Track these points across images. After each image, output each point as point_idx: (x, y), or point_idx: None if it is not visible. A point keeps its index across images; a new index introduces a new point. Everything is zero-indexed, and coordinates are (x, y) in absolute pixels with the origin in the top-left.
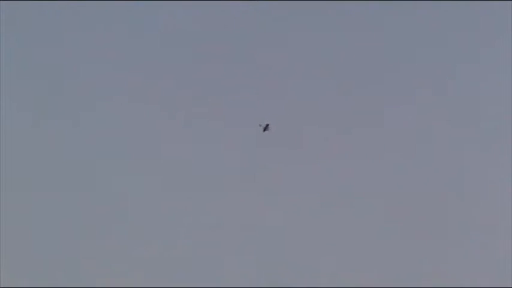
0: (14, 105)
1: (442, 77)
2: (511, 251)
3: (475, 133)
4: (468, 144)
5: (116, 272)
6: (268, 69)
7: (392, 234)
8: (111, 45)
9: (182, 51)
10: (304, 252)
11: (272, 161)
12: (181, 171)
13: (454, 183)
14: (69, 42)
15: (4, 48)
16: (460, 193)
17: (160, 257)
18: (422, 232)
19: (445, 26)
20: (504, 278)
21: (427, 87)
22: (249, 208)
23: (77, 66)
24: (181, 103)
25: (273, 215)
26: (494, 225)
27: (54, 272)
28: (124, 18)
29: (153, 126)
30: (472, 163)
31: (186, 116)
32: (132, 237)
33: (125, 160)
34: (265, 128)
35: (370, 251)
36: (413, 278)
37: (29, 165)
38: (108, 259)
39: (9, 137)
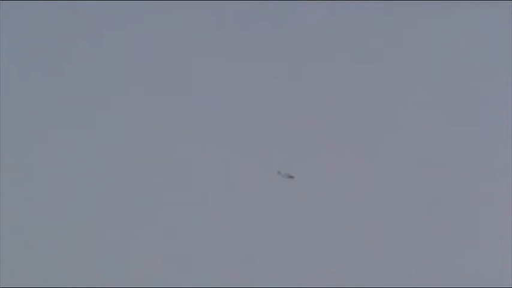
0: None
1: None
2: (511, 251)
3: (476, 133)
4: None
5: (117, 271)
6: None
7: (391, 232)
8: (111, 44)
9: (184, 51)
10: (304, 251)
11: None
12: (184, 171)
13: (454, 182)
14: (69, 41)
15: (4, 48)
16: (460, 192)
17: (161, 256)
18: (422, 231)
19: (444, 25)
20: (504, 278)
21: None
22: (249, 207)
23: (76, 66)
24: (182, 103)
25: (275, 214)
26: (494, 224)
27: (54, 272)
28: (125, 18)
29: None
30: (472, 161)
31: (187, 114)
32: (133, 237)
33: (126, 160)
34: (289, 176)
35: (369, 250)
36: (413, 278)
37: (29, 162)
38: (108, 259)
39: (10, 134)
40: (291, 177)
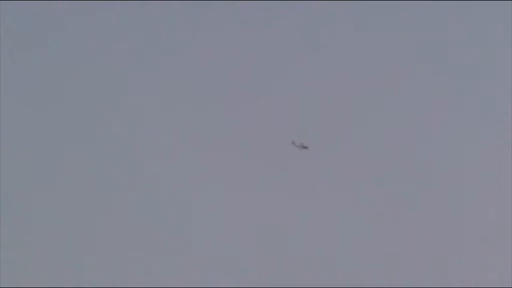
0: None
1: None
2: (511, 251)
3: (477, 136)
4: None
5: (117, 271)
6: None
7: (391, 232)
8: (111, 47)
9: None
10: (304, 252)
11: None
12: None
13: (454, 182)
14: (70, 42)
15: (4, 48)
16: (459, 191)
17: (161, 256)
18: (421, 231)
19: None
20: (504, 278)
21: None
22: (251, 207)
23: (76, 68)
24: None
25: (277, 214)
26: (494, 224)
27: (54, 272)
28: (126, 22)
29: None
30: (472, 161)
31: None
32: (135, 237)
33: (128, 163)
34: (303, 147)
35: (368, 249)
36: (413, 278)
37: (29, 158)
38: (109, 259)
39: (10, 132)
40: (305, 147)
